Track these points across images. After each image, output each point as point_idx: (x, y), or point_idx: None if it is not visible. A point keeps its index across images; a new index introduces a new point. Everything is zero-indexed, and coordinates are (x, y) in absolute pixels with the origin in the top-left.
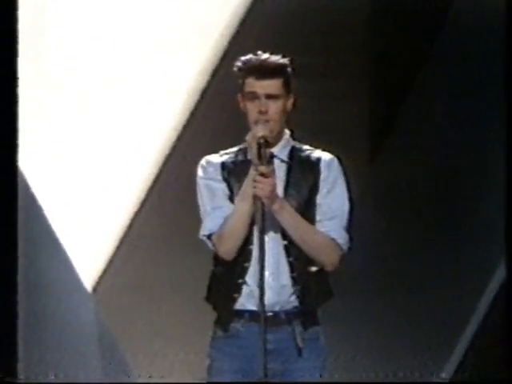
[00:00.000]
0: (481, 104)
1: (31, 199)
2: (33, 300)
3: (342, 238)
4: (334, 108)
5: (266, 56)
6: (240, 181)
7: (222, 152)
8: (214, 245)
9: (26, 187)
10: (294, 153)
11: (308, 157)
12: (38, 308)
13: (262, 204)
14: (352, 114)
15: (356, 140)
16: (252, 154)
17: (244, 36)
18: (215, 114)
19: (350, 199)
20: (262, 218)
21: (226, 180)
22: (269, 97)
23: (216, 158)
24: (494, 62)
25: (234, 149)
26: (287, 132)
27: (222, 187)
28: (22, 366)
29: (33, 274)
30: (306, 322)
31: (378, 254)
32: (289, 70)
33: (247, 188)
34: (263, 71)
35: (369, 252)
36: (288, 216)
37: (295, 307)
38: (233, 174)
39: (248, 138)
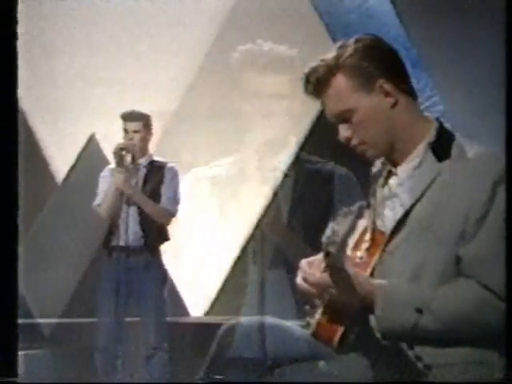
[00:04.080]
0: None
1: None
2: None
3: None
4: None
5: (269, 46)
6: None
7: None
8: None
9: None
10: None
11: (319, 170)
12: None
13: (262, 234)
14: None
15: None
16: None
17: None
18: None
19: None
20: (261, 251)
21: None
22: (272, 96)
23: None
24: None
25: None
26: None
27: None
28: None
29: None
30: None
31: None
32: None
33: None
34: (268, 67)
35: None
36: None
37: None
38: None
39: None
